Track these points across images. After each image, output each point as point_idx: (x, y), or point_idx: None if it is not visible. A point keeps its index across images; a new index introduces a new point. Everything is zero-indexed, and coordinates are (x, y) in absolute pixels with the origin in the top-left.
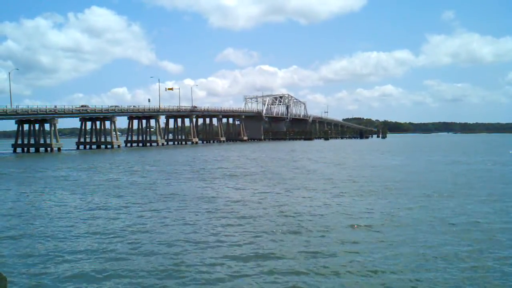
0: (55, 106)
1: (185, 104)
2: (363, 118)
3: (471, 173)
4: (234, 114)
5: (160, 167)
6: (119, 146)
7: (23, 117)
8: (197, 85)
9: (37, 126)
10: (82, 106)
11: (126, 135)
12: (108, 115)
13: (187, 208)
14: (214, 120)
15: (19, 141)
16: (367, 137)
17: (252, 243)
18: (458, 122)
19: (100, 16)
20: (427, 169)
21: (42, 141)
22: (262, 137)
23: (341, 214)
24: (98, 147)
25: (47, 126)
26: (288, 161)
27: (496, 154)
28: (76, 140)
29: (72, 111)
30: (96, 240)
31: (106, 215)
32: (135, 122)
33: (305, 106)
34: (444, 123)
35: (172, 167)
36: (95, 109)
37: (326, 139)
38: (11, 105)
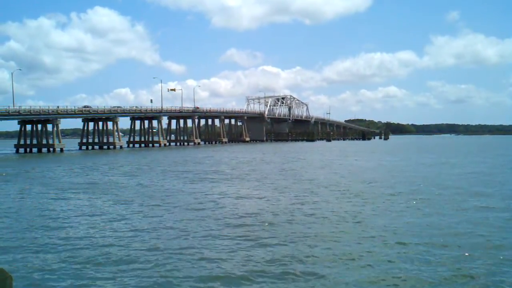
0: (58, 107)
1: (188, 105)
2: (365, 120)
3: (448, 175)
4: (237, 115)
5: (141, 169)
6: (121, 146)
7: (25, 118)
8: (199, 86)
9: (39, 126)
10: (84, 106)
11: (128, 135)
12: (111, 115)
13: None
14: (217, 121)
15: (22, 142)
16: (369, 139)
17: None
18: (461, 123)
19: (103, 16)
20: (406, 169)
21: (44, 142)
22: (264, 138)
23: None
24: (101, 147)
25: (49, 127)
26: (276, 163)
27: (490, 156)
28: (79, 140)
29: (74, 111)
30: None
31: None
32: (138, 122)
33: (307, 107)
34: (447, 124)
35: (156, 168)
36: (97, 109)
37: (329, 140)
38: (13, 106)
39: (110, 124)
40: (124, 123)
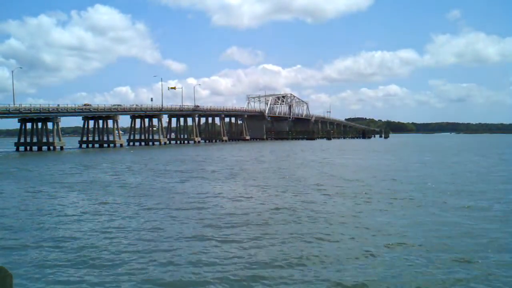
0: (58, 105)
1: (188, 103)
2: (365, 118)
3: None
4: (237, 114)
5: (140, 167)
6: (121, 145)
7: (26, 116)
8: (200, 84)
9: (40, 124)
10: (85, 104)
11: (128, 134)
12: (111, 114)
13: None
14: (217, 120)
15: (22, 140)
16: (369, 137)
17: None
18: (461, 122)
19: (104, 14)
20: (387, 168)
21: (44, 140)
22: (265, 137)
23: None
24: (101, 146)
25: (50, 125)
26: (261, 162)
27: (482, 154)
28: (79, 138)
29: (75, 109)
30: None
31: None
32: (138, 121)
33: (307, 106)
34: (447, 123)
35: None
36: (97, 108)
37: (329, 139)
38: (14, 104)
39: (110, 122)
40: (124, 121)
